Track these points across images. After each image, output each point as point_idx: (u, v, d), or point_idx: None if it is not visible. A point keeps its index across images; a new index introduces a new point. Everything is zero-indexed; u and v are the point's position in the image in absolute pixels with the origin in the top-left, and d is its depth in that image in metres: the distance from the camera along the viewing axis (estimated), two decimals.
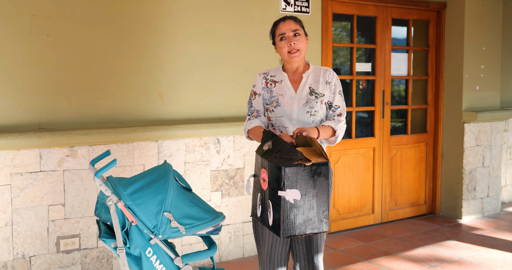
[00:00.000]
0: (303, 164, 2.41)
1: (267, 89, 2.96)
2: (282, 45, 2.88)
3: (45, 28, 3.58)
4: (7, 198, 3.45)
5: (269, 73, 3.01)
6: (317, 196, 2.46)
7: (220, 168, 4.28)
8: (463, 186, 5.59)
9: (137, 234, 2.57)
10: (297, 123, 2.87)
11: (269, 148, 2.62)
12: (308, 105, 2.87)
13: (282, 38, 2.88)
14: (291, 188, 2.41)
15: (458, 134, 5.62)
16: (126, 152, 3.85)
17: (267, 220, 2.58)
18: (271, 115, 2.92)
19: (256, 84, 3.01)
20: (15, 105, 3.52)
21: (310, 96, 2.89)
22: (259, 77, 3.01)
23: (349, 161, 5.20)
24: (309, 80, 2.92)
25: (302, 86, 2.91)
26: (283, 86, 2.93)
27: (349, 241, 4.87)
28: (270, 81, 2.97)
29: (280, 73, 2.97)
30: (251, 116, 2.98)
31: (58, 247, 3.65)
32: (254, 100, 2.99)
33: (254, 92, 3.01)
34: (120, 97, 3.90)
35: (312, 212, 2.46)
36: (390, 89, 5.47)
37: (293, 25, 2.90)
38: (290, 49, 2.86)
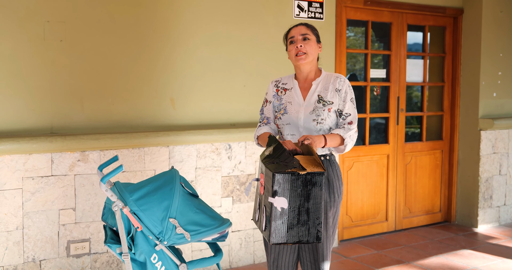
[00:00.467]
0: (296, 172, 2.38)
1: (277, 97, 2.97)
2: (291, 48, 2.90)
3: (58, 34, 3.62)
4: (19, 202, 3.49)
5: (281, 80, 3.03)
6: (310, 206, 2.43)
7: (231, 174, 4.28)
8: (479, 194, 5.51)
9: (142, 240, 2.57)
10: (304, 130, 2.85)
11: (270, 153, 2.61)
12: (314, 113, 2.84)
13: (292, 41, 2.90)
14: (280, 195, 2.39)
15: (474, 142, 5.54)
16: (137, 157, 3.87)
17: (261, 225, 2.57)
18: (278, 122, 2.93)
19: (268, 91, 3.04)
20: (28, 110, 3.56)
21: (318, 104, 2.86)
22: (271, 84, 3.04)
23: (363, 168, 5.16)
24: (318, 87, 2.90)
25: (311, 94, 2.89)
26: (292, 93, 2.93)
27: (361, 248, 4.82)
28: (281, 88, 2.99)
29: (292, 81, 2.98)
30: (261, 123, 3.02)
31: (69, 251, 3.68)
32: (266, 108, 3.03)
33: (266, 100, 3.05)
34: (132, 102, 3.92)
35: (305, 222, 2.43)
36: (405, 96, 5.42)
37: (303, 30, 2.90)
38: (297, 52, 2.86)
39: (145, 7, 3.93)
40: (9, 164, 3.44)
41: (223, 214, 4.24)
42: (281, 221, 2.40)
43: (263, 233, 2.55)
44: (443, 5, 5.51)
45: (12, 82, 3.51)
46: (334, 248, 4.81)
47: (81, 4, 3.70)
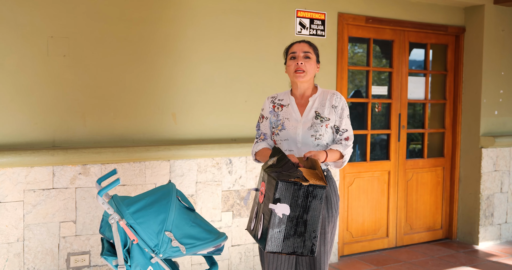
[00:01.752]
0: (299, 182, 2.42)
1: (274, 113, 3.01)
2: (290, 63, 2.94)
3: (62, 49, 3.70)
4: (20, 214, 3.54)
5: (278, 97, 3.06)
6: (308, 218, 2.46)
7: (232, 189, 4.31)
8: (480, 212, 5.51)
9: (138, 252, 2.61)
10: (302, 146, 2.89)
11: (273, 163, 2.65)
12: (313, 129, 2.89)
13: (293, 57, 2.94)
14: (282, 202, 2.42)
15: (475, 159, 5.55)
16: (138, 171, 3.92)
17: (257, 233, 2.59)
18: (276, 138, 2.97)
19: (264, 107, 3.07)
20: (30, 124, 3.63)
21: (316, 120, 2.91)
22: (267, 101, 3.07)
23: (364, 184, 5.18)
24: (315, 104, 2.95)
25: (308, 110, 2.94)
26: (289, 110, 2.97)
27: (361, 264, 4.82)
28: (277, 105, 3.02)
29: (288, 97, 3.02)
30: (258, 139, 3.05)
31: (68, 263, 3.72)
32: (262, 124, 3.06)
33: (262, 116, 3.08)
34: (134, 117, 3.98)
35: (301, 233, 2.46)
36: (406, 113, 5.45)
37: (306, 48, 2.94)
38: (297, 68, 2.90)
39: (148, 23, 4.01)
40: (11, 177, 3.49)
41: (223, 228, 4.27)
42: (278, 229, 2.43)
43: (258, 242, 2.57)
44: (445, 23, 5.57)
45: (16, 96, 3.59)
46: (334, 264, 4.82)
47: (85, 20, 3.78)
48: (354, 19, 4.98)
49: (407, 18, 5.31)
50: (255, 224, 2.65)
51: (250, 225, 2.77)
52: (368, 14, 5.07)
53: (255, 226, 2.64)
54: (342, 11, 4.90)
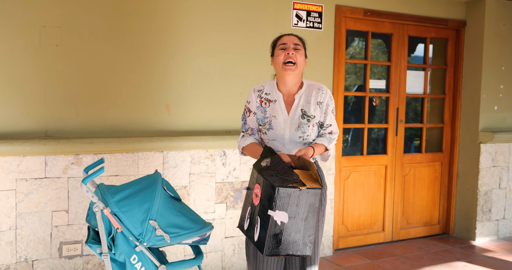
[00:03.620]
0: (297, 187, 2.42)
1: (261, 109, 2.95)
2: (279, 53, 2.85)
3: (54, 39, 3.71)
4: (12, 203, 3.57)
5: (264, 90, 2.97)
6: (305, 220, 2.46)
7: (226, 181, 4.32)
8: (477, 207, 5.48)
9: (122, 240, 2.63)
10: (290, 146, 2.88)
11: (267, 165, 2.64)
12: (300, 130, 2.88)
13: (283, 48, 2.86)
14: (281, 209, 2.42)
15: (474, 155, 5.52)
16: (131, 162, 3.94)
17: (253, 236, 2.59)
18: (264, 137, 2.95)
19: (251, 101, 2.98)
20: (22, 113, 3.65)
21: (302, 119, 2.89)
22: (254, 94, 2.98)
23: (360, 178, 5.17)
24: (301, 101, 2.91)
25: (294, 109, 2.90)
26: (276, 107, 2.91)
27: (356, 258, 4.82)
28: (264, 99, 2.95)
29: (275, 92, 2.94)
30: (245, 133, 3.00)
31: (61, 252, 3.74)
32: (249, 118, 3.00)
33: (248, 109, 2.99)
34: (127, 108, 3.99)
35: (298, 235, 2.47)
36: (404, 107, 5.43)
37: (296, 40, 2.91)
38: (287, 58, 2.83)
39: (143, 15, 4.02)
40: (3, 166, 3.52)
41: (217, 220, 4.28)
42: (278, 234, 2.44)
43: (254, 244, 2.57)
44: (445, 17, 5.53)
45: (7, 86, 3.61)
46: (328, 257, 4.82)
47: (77, 10, 3.79)
48: (352, 12, 4.96)
49: (407, 11, 5.28)
50: (250, 225, 2.65)
51: (243, 224, 2.75)
52: (367, 7, 5.04)
53: (251, 227, 2.63)
54: (340, 4, 4.88)
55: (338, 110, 4.92)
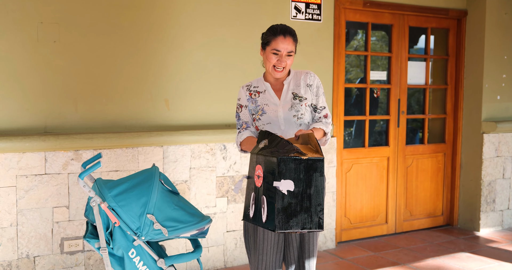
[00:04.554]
0: (299, 157, 2.41)
1: (252, 100, 3.00)
2: (271, 58, 2.89)
3: (52, 35, 3.71)
4: (12, 199, 3.57)
5: (252, 84, 3.05)
6: (312, 192, 2.45)
7: (226, 174, 4.31)
8: (481, 198, 5.45)
9: (120, 235, 2.62)
10: (285, 127, 2.89)
11: (265, 145, 2.64)
12: (293, 109, 2.92)
13: (275, 53, 2.88)
14: (285, 178, 2.41)
15: (477, 145, 5.49)
16: (131, 157, 3.93)
17: (261, 218, 2.56)
18: (258, 123, 2.96)
19: (241, 97, 3.04)
20: (22, 109, 3.66)
21: (294, 100, 2.94)
22: (243, 90, 3.05)
23: (362, 170, 5.15)
24: (290, 86, 2.98)
25: (284, 93, 2.96)
26: (266, 95, 2.97)
27: (358, 250, 4.81)
28: (253, 92, 3.01)
29: (263, 83, 3.01)
30: (241, 129, 3.02)
31: (62, 248, 3.75)
32: (241, 113, 3.03)
33: (240, 105, 3.05)
34: (126, 103, 3.99)
35: (307, 208, 2.44)
36: (406, 98, 5.40)
37: (290, 46, 2.88)
38: (277, 65, 2.89)
39: (141, 9, 4.00)
40: (3, 162, 3.53)
41: (218, 214, 4.28)
42: (285, 207, 2.41)
43: (263, 226, 2.54)
44: (446, 7, 5.49)
45: (6, 82, 3.61)
46: (331, 250, 4.81)
47: (75, 5, 3.78)
48: (351, 3, 4.93)
49: (407, 1, 5.24)
50: (256, 210, 2.63)
51: (248, 213, 2.74)
52: None
53: (257, 212, 2.61)
54: None
55: (339, 102, 4.90)
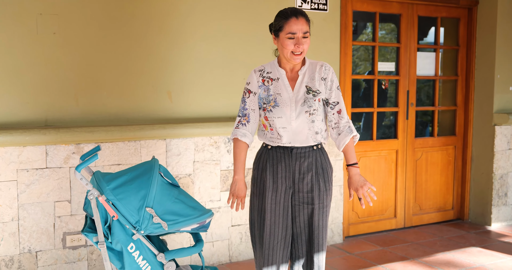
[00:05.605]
0: None
1: (264, 87, 2.83)
2: (288, 44, 2.72)
3: (51, 27, 3.65)
4: (14, 194, 3.53)
5: (265, 69, 2.86)
6: None
7: (231, 168, 4.24)
8: (493, 192, 5.33)
9: (118, 229, 2.56)
10: (296, 122, 2.77)
11: None
12: (306, 104, 2.77)
13: (291, 37, 2.72)
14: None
15: (488, 137, 5.37)
16: (133, 150, 3.87)
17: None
18: (268, 115, 2.80)
19: (251, 81, 2.85)
20: (22, 103, 3.60)
21: (308, 94, 2.79)
22: (255, 74, 2.86)
23: (370, 163, 5.05)
24: (305, 78, 2.82)
25: (298, 85, 2.81)
26: (280, 84, 2.81)
27: (366, 245, 4.72)
28: (266, 78, 2.84)
29: (277, 70, 2.84)
30: (242, 119, 2.85)
31: (65, 243, 3.70)
32: (249, 99, 2.84)
33: (248, 90, 2.85)
34: (127, 96, 3.92)
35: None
36: (415, 90, 5.28)
37: (304, 26, 2.73)
38: (295, 50, 2.73)
39: (142, 1, 3.93)
40: (3, 156, 3.48)
41: (223, 208, 4.21)
42: None
43: None
44: None
45: (6, 76, 3.56)
46: (338, 244, 4.73)
47: None
48: None
49: None
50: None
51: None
52: None
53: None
54: None
55: (345, 94, 4.80)
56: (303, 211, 2.80)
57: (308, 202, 2.80)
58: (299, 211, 2.81)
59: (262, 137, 2.89)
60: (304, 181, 2.79)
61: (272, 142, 2.82)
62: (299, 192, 2.80)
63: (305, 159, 2.79)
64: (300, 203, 2.81)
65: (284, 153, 2.79)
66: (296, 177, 2.79)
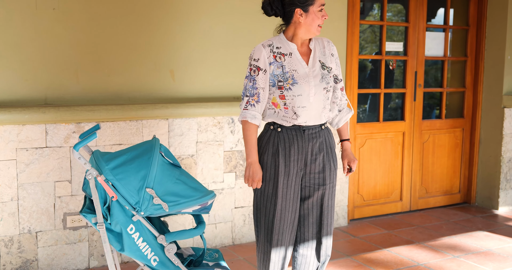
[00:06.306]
0: None
1: (277, 64, 2.62)
2: (319, 16, 2.60)
3: (51, 2, 3.54)
4: (13, 173, 3.46)
5: (274, 44, 2.66)
6: None
7: (234, 149, 4.16)
8: (501, 175, 5.25)
9: (118, 210, 2.49)
10: (314, 99, 2.65)
11: None
12: (324, 81, 2.67)
13: (321, 9, 2.61)
14: None
15: (497, 120, 5.26)
16: (135, 130, 3.79)
17: None
18: (287, 93, 2.61)
19: (260, 57, 2.62)
20: (21, 80, 3.52)
21: (323, 70, 2.68)
22: (264, 49, 2.63)
23: (376, 145, 4.96)
24: (317, 52, 2.71)
25: (312, 60, 2.68)
26: (294, 60, 2.64)
27: (371, 228, 4.66)
28: (277, 54, 2.64)
29: (287, 45, 2.66)
30: (250, 99, 2.64)
31: (65, 223, 3.65)
32: (258, 77, 2.61)
33: (257, 67, 2.62)
34: (129, 74, 3.83)
35: None
36: (423, 71, 5.17)
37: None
38: (321, 23, 2.63)
39: None
40: (2, 135, 3.40)
41: (226, 190, 4.14)
42: None
43: None
44: None
45: (4, 52, 3.46)
46: (343, 227, 4.66)
47: None
48: None
49: None
50: None
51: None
52: None
53: None
54: None
55: (352, 74, 4.69)
56: (314, 192, 2.73)
57: (319, 183, 2.73)
58: (309, 193, 2.74)
59: (270, 117, 2.70)
60: (316, 162, 2.71)
61: (286, 121, 2.66)
62: (310, 174, 2.72)
63: (316, 139, 2.70)
64: (311, 184, 2.73)
65: (296, 135, 2.67)
66: (309, 158, 2.69)
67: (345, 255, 3.97)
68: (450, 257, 3.95)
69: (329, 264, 3.77)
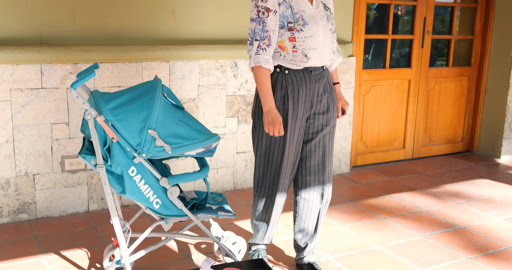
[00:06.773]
0: None
1: (285, 4, 2.49)
2: None
3: None
4: (8, 114, 3.35)
5: None
6: None
7: (237, 93, 4.05)
8: (505, 124, 5.16)
9: (118, 151, 2.40)
10: (322, 41, 2.55)
11: None
12: (330, 22, 2.61)
13: None
14: None
15: (505, 68, 5.13)
16: (134, 72, 3.66)
17: None
18: (297, 35, 2.49)
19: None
20: (13, 17, 3.34)
21: (326, 11, 2.61)
22: None
23: (381, 92, 4.85)
24: None
25: (315, 0, 2.58)
26: (299, 0, 2.52)
27: (374, 175, 4.61)
28: None
29: None
30: (261, 43, 2.47)
31: (63, 166, 3.57)
32: (268, 18, 2.46)
33: (266, 9, 2.46)
34: (128, 13, 3.66)
35: None
36: (432, 17, 4.99)
37: None
38: None
39: None
40: None
41: (228, 135, 4.06)
42: None
43: None
44: None
45: None
46: (345, 174, 4.62)
47: None
48: None
49: None
50: None
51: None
52: None
53: None
54: None
55: (360, 19, 4.52)
56: (317, 133, 2.68)
57: (323, 124, 2.68)
58: (312, 135, 2.67)
59: (275, 60, 2.57)
60: (321, 102, 2.65)
61: (294, 64, 2.54)
62: (315, 115, 2.65)
63: (322, 80, 2.64)
64: (315, 126, 2.67)
65: (304, 76, 2.57)
66: (315, 99, 2.62)
67: (348, 201, 3.93)
68: (453, 204, 3.92)
69: (331, 209, 3.73)
